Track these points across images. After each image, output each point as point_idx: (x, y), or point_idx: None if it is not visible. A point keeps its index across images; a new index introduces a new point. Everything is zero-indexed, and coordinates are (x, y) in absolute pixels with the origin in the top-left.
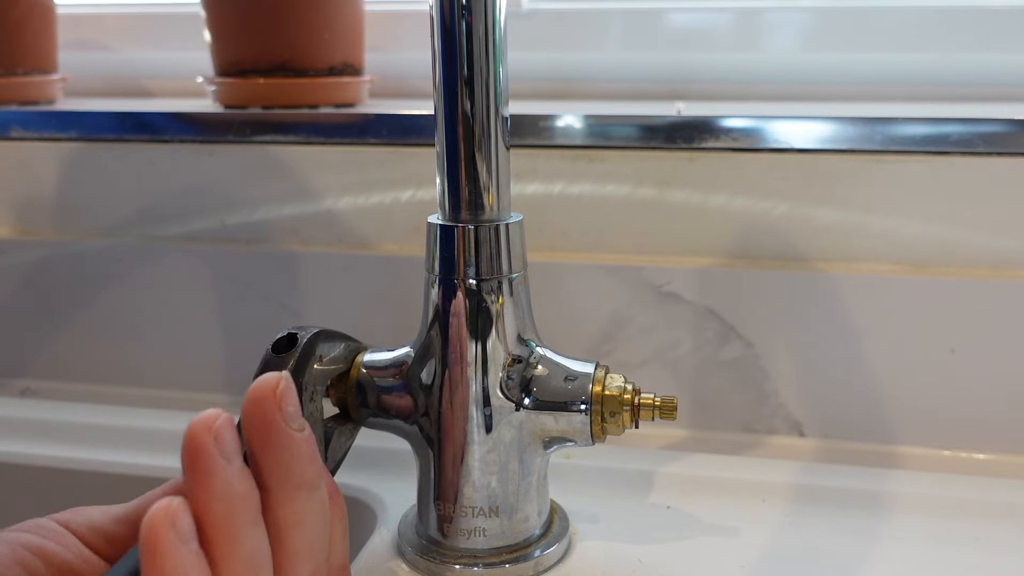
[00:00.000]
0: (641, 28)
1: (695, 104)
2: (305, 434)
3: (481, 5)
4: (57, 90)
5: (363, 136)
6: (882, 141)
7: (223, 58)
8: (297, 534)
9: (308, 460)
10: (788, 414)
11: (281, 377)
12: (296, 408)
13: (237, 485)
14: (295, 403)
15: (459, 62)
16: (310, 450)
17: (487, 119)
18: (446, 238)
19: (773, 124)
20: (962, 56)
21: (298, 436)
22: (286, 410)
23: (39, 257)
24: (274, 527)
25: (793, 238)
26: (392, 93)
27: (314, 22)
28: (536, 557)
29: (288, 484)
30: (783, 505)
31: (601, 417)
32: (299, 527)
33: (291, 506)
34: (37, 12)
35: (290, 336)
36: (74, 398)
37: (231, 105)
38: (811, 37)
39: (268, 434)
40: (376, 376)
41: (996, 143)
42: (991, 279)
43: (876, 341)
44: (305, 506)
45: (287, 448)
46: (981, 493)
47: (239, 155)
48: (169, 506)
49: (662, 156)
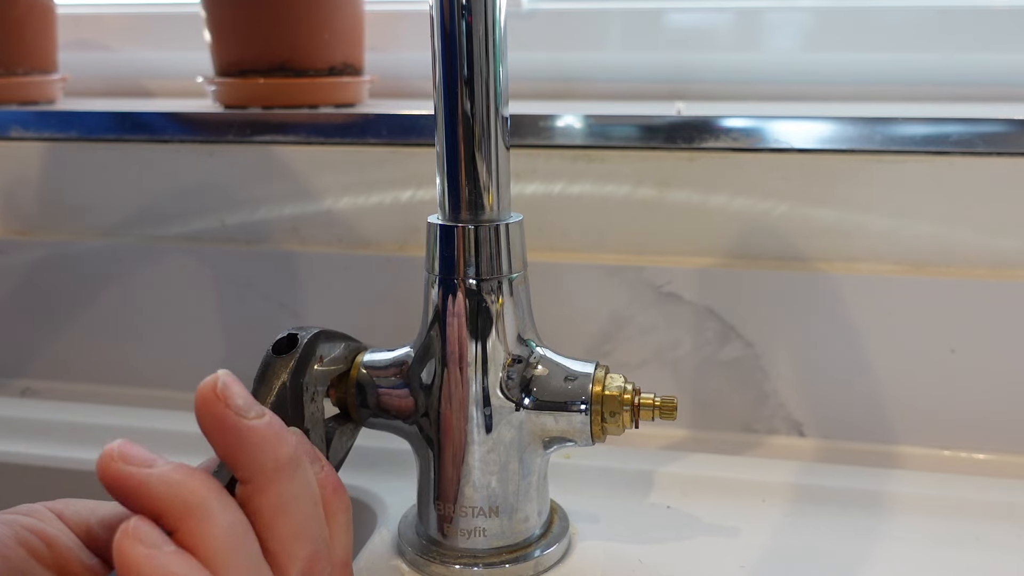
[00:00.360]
0: (641, 28)
1: (695, 104)
2: (265, 420)
3: (481, 5)
4: (57, 90)
5: (363, 136)
6: (882, 141)
7: (223, 58)
8: (283, 519)
9: (275, 443)
10: (788, 414)
11: (216, 376)
12: (246, 399)
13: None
14: (242, 394)
15: (459, 62)
16: (274, 432)
17: (487, 119)
18: (446, 238)
19: (773, 124)
20: (962, 56)
21: (255, 423)
22: (234, 403)
23: (39, 257)
24: (259, 516)
25: (793, 238)
26: (392, 93)
27: (314, 22)
28: (536, 557)
29: (263, 472)
30: (783, 505)
31: (601, 417)
32: (284, 511)
33: (272, 492)
34: (37, 12)
35: (290, 337)
36: (74, 398)
37: (231, 105)
38: (811, 37)
39: (222, 431)
40: (376, 376)
41: (996, 143)
42: (991, 279)
43: (876, 341)
44: (287, 488)
45: (246, 437)
46: (981, 493)
47: (239, 155)
48: (127, 527)
49: (662, 156)
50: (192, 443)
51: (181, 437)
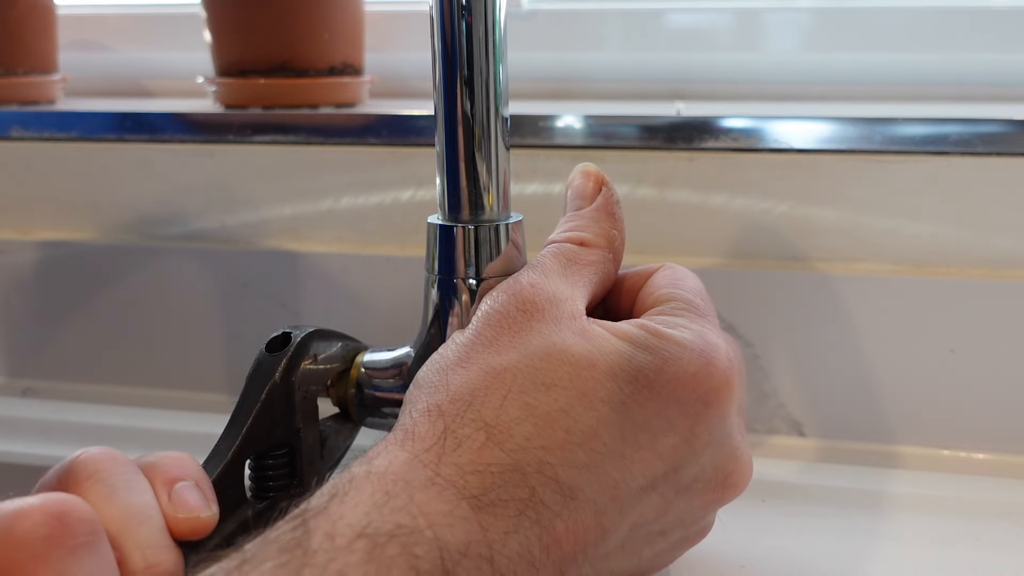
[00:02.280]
0: (641, 28)
1: (695, 104)
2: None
3: (481, 5)
4: (57, 90)
5: (363, 136)
6: (882, 141)
7: (223, 58)
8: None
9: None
10: (788, 414)
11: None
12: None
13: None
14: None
15: (459, 62)
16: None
17: (487, 119)
18: (446, 238)
19: (773, 124)
20: (962, 56)
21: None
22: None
23: (39, 257)
24: None
25: (793, 238)
26: (392, 93)
27: (314, 22)
28: None
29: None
30: (783, 505)
31: None
32: None
33: None
34: (37, 12)
35: (284, 335)
36: (74, 398)
37: (231, 105)
38: (811, 37)
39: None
40: (376, 376)
41: (996, 143)
42: (991, 279)
43: (876, 341)
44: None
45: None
46: (981, 493)
47: (239, 155)
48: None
49: (662, 156)
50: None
51: (181, 437)
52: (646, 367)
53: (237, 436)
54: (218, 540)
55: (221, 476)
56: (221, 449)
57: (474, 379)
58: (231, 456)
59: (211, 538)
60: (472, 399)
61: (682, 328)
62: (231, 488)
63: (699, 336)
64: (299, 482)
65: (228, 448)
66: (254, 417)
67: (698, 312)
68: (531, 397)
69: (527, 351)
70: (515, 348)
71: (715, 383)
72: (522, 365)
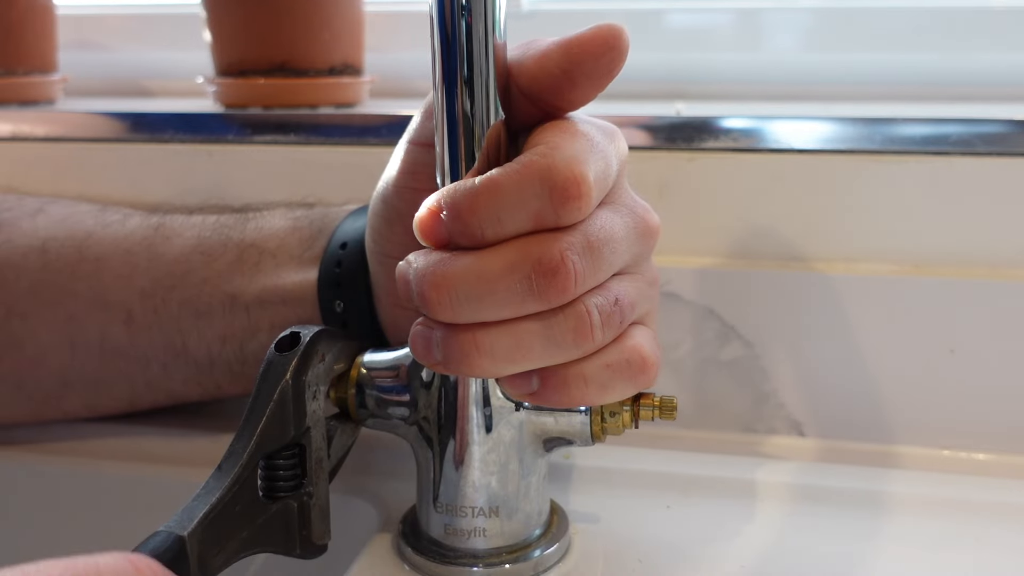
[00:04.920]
0: (641, 28)
1: (695, 104)
2: None
3: (481, 5)
4: (57, 90)
5: (363, 136)
6: (882, 141)
7: (223, 58)
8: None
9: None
10: (788, 414)
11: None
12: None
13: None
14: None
15: (459, 62)
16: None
17: (487, 119)
18: None
19: (773, 124)
20: (962, 56)
21: None
22: None
23: None
24: None
25: (793, 238)
26: (392, 93)
27: (314, 22)
28: (536, 557)
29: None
30: (783, 505)
31: (601, 417)
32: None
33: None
34: (37, 12)
35: (292, 335)
36: None
37: (231, 105)
38: (811, 37)
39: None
40: (376, 376)
41: (996, 143)
42: (991, 279)
43: (876, 341)
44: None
45: None
46: (981, 493)
47: (239, 155)
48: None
49: (662, 156)
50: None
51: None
52: None
53: (252, 436)
54: (235, 544)
55: (237, 478)
56: (236, 450)
57: None
58: (247, 457)
59: (228, 543)
60: None
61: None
62: (247, 489)
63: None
64: (308, 482)
65: (243, 449)
66: (267, 417)
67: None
68: None
69: None
70: None
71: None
72: None
